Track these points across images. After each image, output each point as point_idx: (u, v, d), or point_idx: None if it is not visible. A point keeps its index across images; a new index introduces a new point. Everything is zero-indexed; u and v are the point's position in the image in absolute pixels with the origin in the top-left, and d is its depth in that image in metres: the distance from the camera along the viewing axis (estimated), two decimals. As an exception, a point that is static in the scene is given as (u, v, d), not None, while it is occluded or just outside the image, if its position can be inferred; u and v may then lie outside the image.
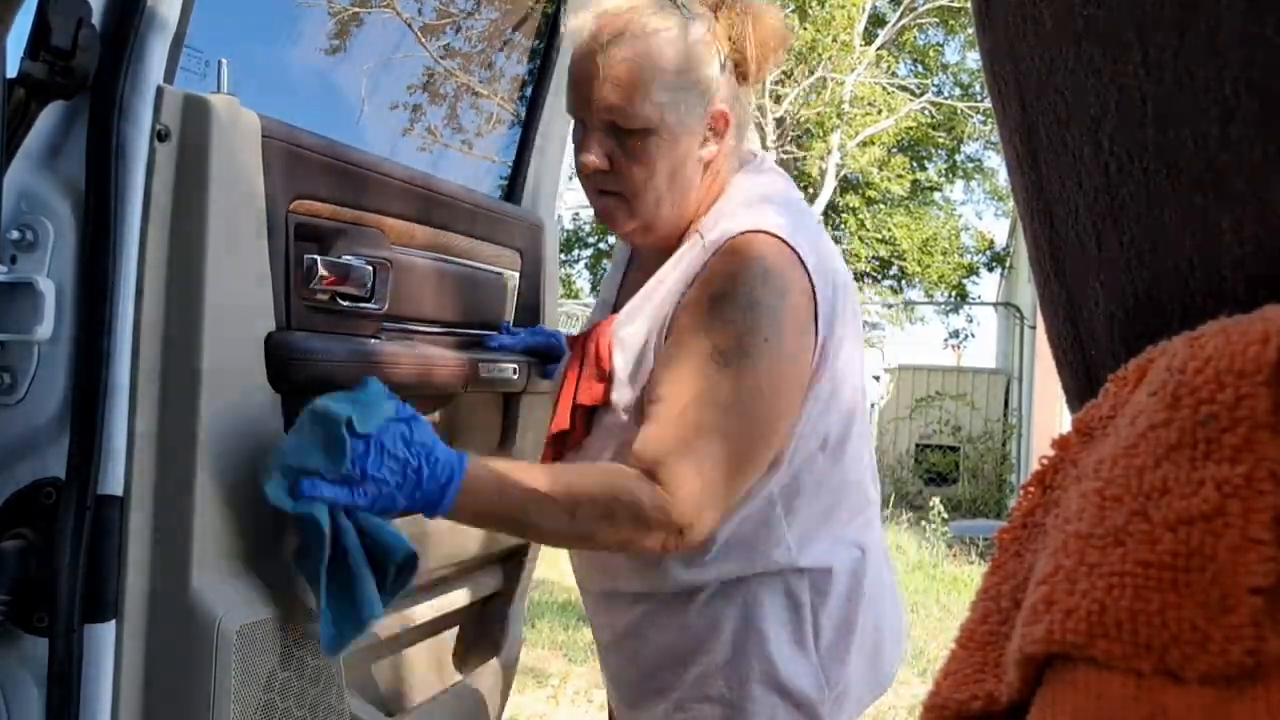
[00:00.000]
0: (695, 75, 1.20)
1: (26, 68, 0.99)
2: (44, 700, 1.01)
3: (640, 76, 1.17)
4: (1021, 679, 0.26)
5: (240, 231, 1.13)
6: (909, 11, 13.37)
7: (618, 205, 1.25)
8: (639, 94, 1.18)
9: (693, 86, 1.20)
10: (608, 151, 1.21)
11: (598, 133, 1.21)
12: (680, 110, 1.20)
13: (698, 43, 1.20)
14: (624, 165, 1.21)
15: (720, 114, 1.23)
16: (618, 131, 1.21)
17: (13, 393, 1.04)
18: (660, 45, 1.18)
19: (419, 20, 1.96)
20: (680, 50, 1.18)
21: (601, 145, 1.21)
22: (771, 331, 1.15)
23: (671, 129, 1.20)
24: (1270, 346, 0.23)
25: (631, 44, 1.17)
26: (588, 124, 1.23)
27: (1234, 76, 0.26)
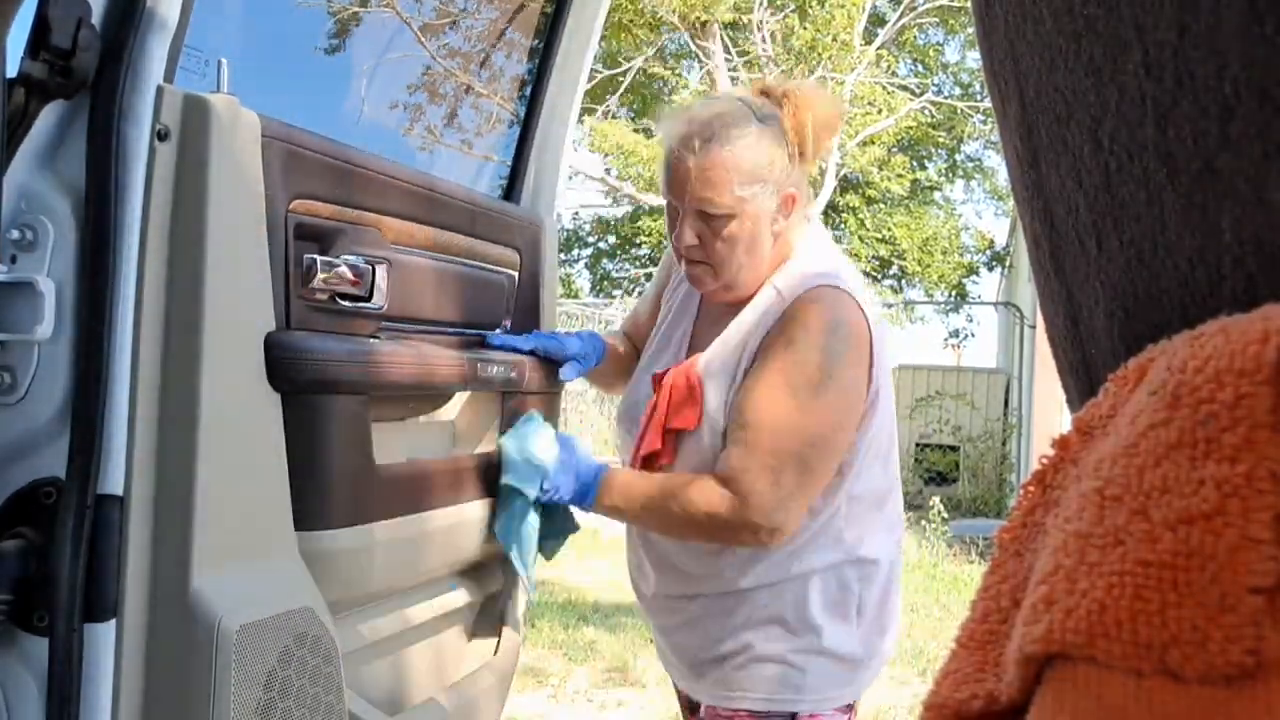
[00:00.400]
0: (768, 170, 1.46)
1: (26, 67, 0.99)
2: (44, 699, 1.01)
3: (726, 175, 1.44)
4: (1021, 678, 0.26)
5: (240, 231, 1.13)
6: (909, 11, 13.37)
7: (705, 271, 1.52)
8: (725, 189, 1.44)
9: (767, 179, 1.46)
10: (698, 232, 1.48)
11: (690, 216, 1.48)
12: (757, 200, 1.46)
13: (771, 143, 1.47)
14: (711, 243, 1.48)
15: (789, 197, 1.50)
16: (706, 216, 1.47)
17: (13, 392, 1.04)
18: (741, 150, 1.45)
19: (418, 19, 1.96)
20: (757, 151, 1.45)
21: (693, 228, 1.48)
22: (836, 370, 1.43)
23: (750, 214, 1.46)
24: (1270, 346, 0.23)
25: (718, 148, 1.44)
26: (682, 209, 1.49)
27: (1234, 76, 0.25)
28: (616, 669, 4.31)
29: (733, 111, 1.47)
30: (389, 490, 1.39)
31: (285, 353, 1.19)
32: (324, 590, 1.25)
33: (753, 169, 1.45)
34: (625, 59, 13.30)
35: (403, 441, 1.57)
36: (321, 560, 1.26)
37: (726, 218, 1.46)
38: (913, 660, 4.52)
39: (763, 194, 1.46)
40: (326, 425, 1.27)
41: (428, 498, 1.48)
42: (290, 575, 1.21)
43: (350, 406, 1.31)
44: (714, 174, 1.44)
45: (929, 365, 11.65)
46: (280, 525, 1.21)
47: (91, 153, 1.03)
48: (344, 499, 1.30)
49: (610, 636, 4.75)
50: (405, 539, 1.42)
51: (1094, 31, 0.29)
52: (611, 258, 18.69)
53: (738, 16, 12.60)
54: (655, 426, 1.53)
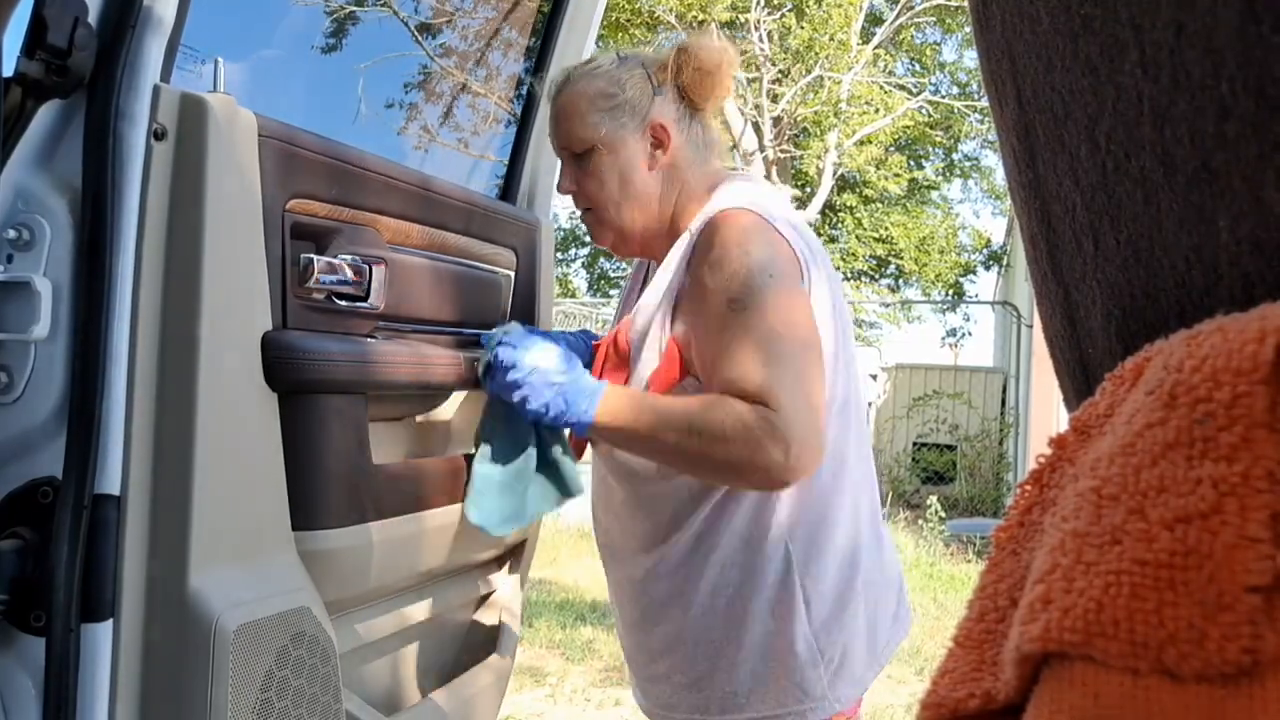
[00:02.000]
0: (622, 98, 1.44)
1: (23, 66, 0.99)
2: (41, 700, 1.01)
3: (576, 108, 1.44)
4: (1018, 677, 0.26)
5: (237, 230, 1.13)
6: (906, 10, 13.37)
7: (593, 220, 1.49)
8: (577, 121, 1.44)
9: (622, 107, 1.44)
10: (573, 178, 1.48)
11: (565, 164, 1.49)
12: (613, 128, 1.44)
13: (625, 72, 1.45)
14: (583, 184, 1.47)
15: (658, 125, 1.45)
16: (574, 158, 1.47)
17: (9, 392, 1.03)
18: (590, 81, 1.45)
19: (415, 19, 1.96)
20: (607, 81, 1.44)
21: (568, 174, 1.48)
22: (773, 269, 1.30)
23: (609, 144, 1.44)
24: (1267, 345, 0.23)
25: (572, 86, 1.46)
26: (560, 159, 1.50)
27: (1230, 75, 0.26)
28: (614, 668, 4.31)
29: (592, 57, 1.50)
30: (386, 490, 1.39)
31: (282, 352, 1.19)
32: (321, 590, 1.25)
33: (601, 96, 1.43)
34: (622, 58, 13.28)
35: (400, 441, 1.57)
36: (319, 560, 1.26)
37: (589, 153, 1.44)
38: (910, 659, 4.52)
39: (617, 121, 1.43)
40: (323, 425, 1.27)
41: (425, 497, 1.48)
42: (287, 575, 1.21)
43: (347, 406, 1.31)
44: (567, 109, 1.45)
45: (926, 364, 11.65)
46: (277, 525, 1.21)
47: (88, 152, 1.03)
48: (341, 498, 1.30)
49: (607, 636, 4.75)
50: (402, 538, 1.42)
51: (1091, 31, 0.29)
52: (608, 257, 18.67)
53: (735, 16, 12.59)
54: None
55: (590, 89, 1.44)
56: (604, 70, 1.45)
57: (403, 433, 1.58)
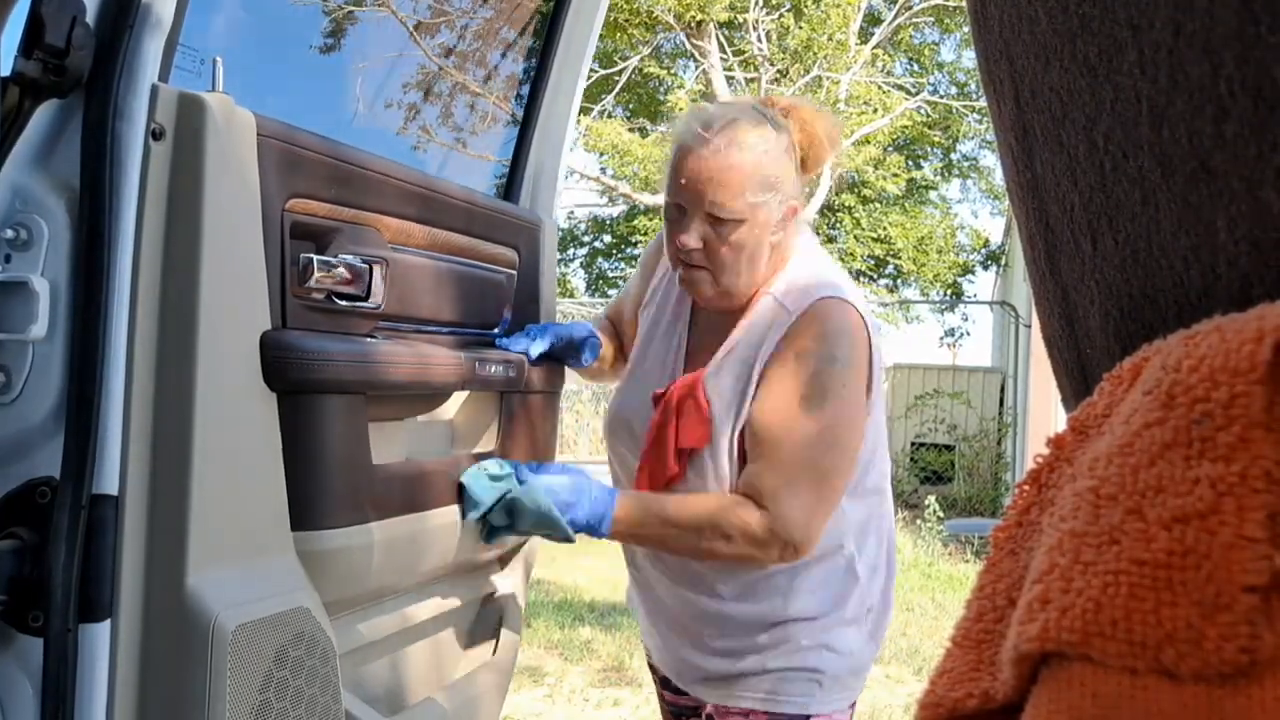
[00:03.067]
0: (779, 180, 1.47)
1: (20, 66, 0.99)
2: (39, 700, 1.01)
3: (741, 179, 1.43)
4: (1017, 677, 0.26)
5: (235, 230, 1.13)
6: (904, 10, 13.37)
7: (704, 277, 1.50)
8: (739, 193, 1.44)
9: (776, 188, 1.47)
10: (703, 236, 1.47)
11: (696, 219, 1.46)
12: (767, 208, 1.46)
13: (783, 152, 1.48)
14: (716, 248, 1.47)
15: (793, 208, 1.51)
16: (715, 220, 1.46)
17: (7, 392, 1.03)
18: (758, 156, 1.44)
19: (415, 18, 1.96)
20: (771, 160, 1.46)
21: (699, 230, 1.47)
22: (848, 380, 1.45)
23: (759, 222, 1.46)
24: (1264, 345, 0.23)
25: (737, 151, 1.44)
26: (688, 210, 1.47)
27: (1228, 75, 0.26)
28: (613, 668, 4.31)
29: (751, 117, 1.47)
30: (386, 490, 1.39)
31: (281, 352, 1.19)
32: (321, 590, 1.25)
33: (767, 176, 1.45)
34: (621, 58, 13.30)
35: (400, 441, 1.57)
36: (318, 560, 1.26)
37: (735, 223, 1.45)
38: (908, 659, 4.52)
39: (772, 203, 1.46)
40: (323, 425, 1.27)
41: (425, 497, 1.48)
42: (287, 575, 1.20)
43: (347, 406, 1.30)
44: (730, 176, 1.43)
45: (924, 364, 11.65)
46: (277, 525, 1.20)
47: (86, 152, 1.03)
48: (341, 499, 1.29)
49: (606, 636, 4.75)
50: (403, 539, 1.42)
51: (1089, 31, 0.29)
52: (607, 257, 18.68)
53: (733, 16, 12.60)
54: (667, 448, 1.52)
55: (754, 164, 1.44)
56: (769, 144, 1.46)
57: (403, 433, 1.58)
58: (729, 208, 1.44)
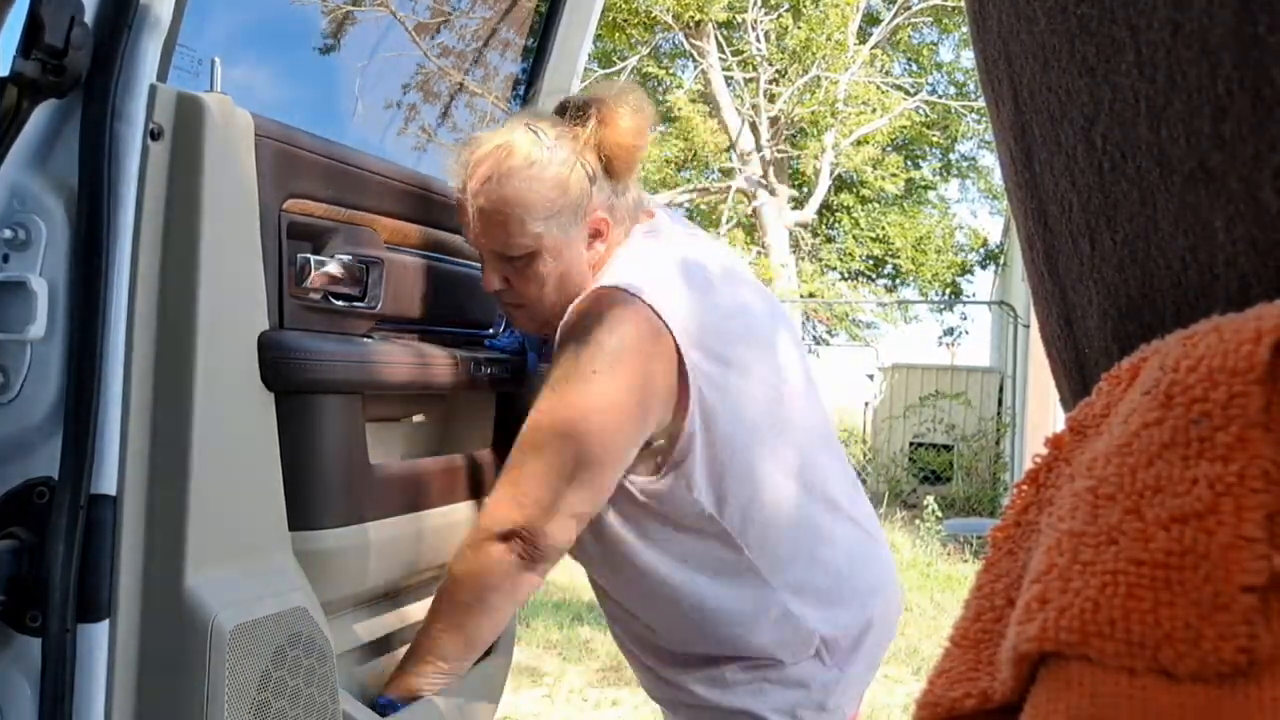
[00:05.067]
0: (565, 199, 1.34)
1: (18, 66, 0.98)
2: (37, 700, 1.01)
3: (513, 214, 1.32)
4: (1015, 677, 0.26)
5: (233, 230, 1.13)
6: (903, 10, 13.38)
7: (520, 314, 1.44)
8: (516, 228, 1.33)
9: (565, 209, 1.34)
10: (503, 275, 1.39)
11: (490, 260, 1.39)
12: (556, 231, 1.35)
13: (561, 169, 1.33)
14: (519, 284, 1.39)
15: (599, 220, 1.38)
16: (506, 259, 1.37)
17: (5, 392, 1.03)
18: (526, 183, 1.32)
19: (413, 18, 1.96)
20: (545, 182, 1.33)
21: (495, 271, 1.39)
22: (602, 365, 1.29)
23: (553, 249, 1.36)
24: (1262, 345, 0.23)
25: (500, 188, 1.32)
26: (481, 254, 1.41)
27: (1226, 75, 0.26)
28: (611, 668, 4.31)
29: (514, 142, 1.34)
30: (383, 490, 1.39)
31: (279, 352, 1.19)
32: (318, 590, 1.25)
33: (544, 201, 1.33)
34: (620, 58, 13.30)
35: (397, 441, 1.57)
36: (316, 560, 1.26)
37: (528, 257, 1.35)
38: (907, 659, 4.52)
39: (561, 225, 1.34)
40: (320, 425, 1.26)
41: (422, 497, 1.48)
42: (284, 575, 1.20)
43: (344, 406, 1.30)
44: (501, 215, 1.33)
45: (923, 364, 11.66)
46: (274, 525, 1.20)
47: (84, 152, 1.03)
48: (338, 499, 1.29)
49: (605, 636, 4.75)
50: (400, 539, 1.42)
51: (1087, 31, 0.29)
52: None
53: (732, 16, 12.60)
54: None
55: (531, 194, 1.32)
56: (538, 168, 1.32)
57: (400, 433, 1.58)
58: (511, 245, 1.35)
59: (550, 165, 1.33)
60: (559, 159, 1.34)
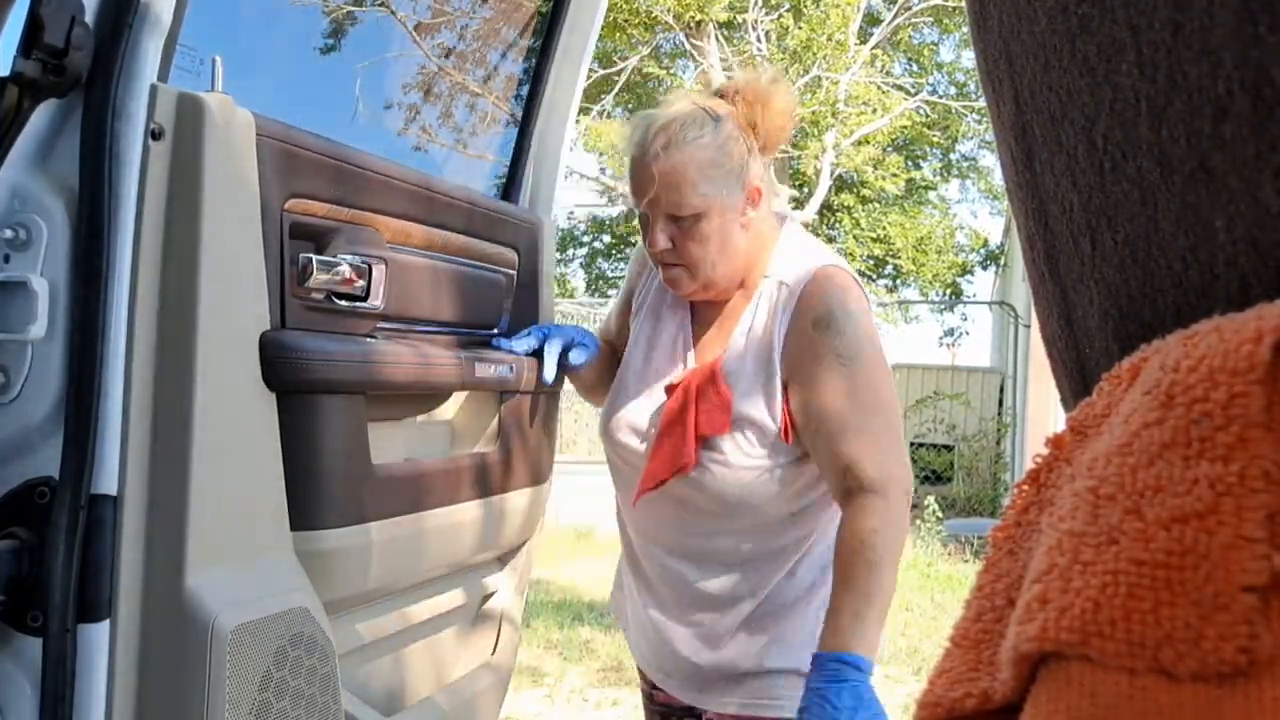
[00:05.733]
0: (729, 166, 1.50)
1: (19, 66, 0.99)
2: (38, 700, 1.01)
3: (688, 176, 1.47)
4: (1015, 677, 0.26)
5: (235, 230, 1.13)
6: (904, 10, 13.37)
7: (681, 274, 1.54)
8: (689, 189, 1.48)
9: (729, 175, 1.50)
10: (670, 235, 1.51)
11: (660, 222, 1.51)
12: (722, 195, 1.49)
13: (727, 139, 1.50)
14: (684, 244, 1.51)
15: (754, 190, 1.53)
16: (675, 219, 1.50)
17: (6, 392, 1.03)
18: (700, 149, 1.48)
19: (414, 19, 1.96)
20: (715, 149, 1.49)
21: (664, 231, 1.51)
22: (869, 332, 1.50)
23: (718, 210, 1.50)
24: (1263, 345, 0.23)
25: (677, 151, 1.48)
26: (651, 215, 1.52)
27: (1227, 75, 0.26)
28: (612, 668, 4.31)
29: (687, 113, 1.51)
30: (385, 490, 1.39)
31: (280, 352, 1.19)
32: (320, 590, 1.25)
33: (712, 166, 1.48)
34: (620, 58, 13.30)
35: (400, 441, 1.57)
36: (317, 560, 1.26)
37: (695, 218, 1.49)
38: (907, 659, 4.52)
39: (727, 189, 1.50)
40: (322, 425, 1.27)
41: (424, 498, 1.48)
42: (286, 575, 1.20)
43: (346, 406, 1.30)
44: (676, 176, 1.47)
45: (924, 364, 11.66)
46: (276, 525, 1.20)
47: (85, 152, 1.03)
48: (340, 499, 1.29)
49: (605, 636, 4.75)
50: (402, 539, 1.42)
51: (1088, 31, 0.29)
52: (606, 257, 18.68)
53: (732, 16, 12.60)
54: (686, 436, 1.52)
55: (700, 157, 1.48)
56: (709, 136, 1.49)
57: (402, 433, 1.58)
58: (683, 205, 1.48)
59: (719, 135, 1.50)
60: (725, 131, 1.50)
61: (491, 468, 1.64)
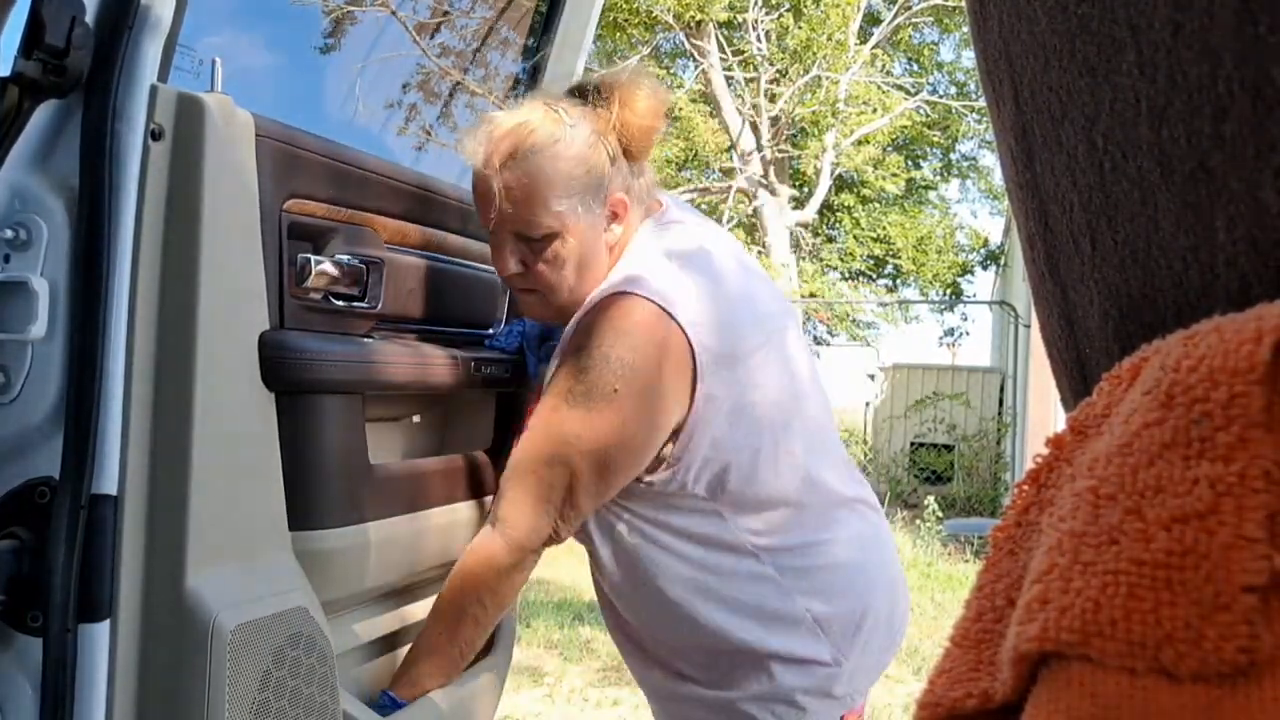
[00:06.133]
0: (587, 178, 1.32)
1: (20, 66, 0.99)
2: (38, 700, 1.01)
3: (537, 192, 1.30)
4: (1016, 677, 0.26)
5: (234, 230, 1.13)
6: (904, 10, 13.38)
7: (534, 300, 1.40)
8: (539, 206, 1.30)
9: (586, 189, 1.32)
10: (520, 258, 1.35)
11: (508, 243, 1.35)
12: (579, 211, 1.32)
13: (583, 147, 1.32)
14: (535, 267, 1.34)
15: (618, 201, 1.36)
16: (525, 239, 1.34)
17: (7, 392, 1.03)
18: (550, 161, 1.30)
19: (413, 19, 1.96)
20: (569, 160, 1.31)
21: (513, 254, 1.35)
22: (622, 384, 1.28)
23: (574, 228, 1.32)
24: (1263, 345, 0.23)
25: (524, 164, 1.29)
26: (498, 235, 1.35)
27: (1227, 75, 0.26)
28: (612, 668, 4.31)
29: (536, 120, 1.32)
30: (384, 490, 1.39)
31: (279, 352, 1.19)
32: (319, 590, 1.25)
33: (568, 178, 1.30)
34: (620, 58, 13.30)
35: (398, 441, 1.57)
36: (316, 560, 1.26)
37: (547, 238, 1.32)
38: (908, 659, 4.52)
39: (584, 204, 1.32)
40: (321, 425, 1.27)
41: (423, 497, 1.48)
42: (285, 575, 1.20)
43: (345, 406, 1.30)
44: (524, 192, 1.30)
45: (924, 364, 11.66)
46: (275, 525, 1.20)
47: (85, 152, 1.03)
48: (339, 499, 1.30)
49: (605, 635, 4.74)
50: (400, 539, 1.42)
51: (1088, 31, 0.29)
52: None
53: (733, 15, 12.60)
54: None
55: (553, 170, 1.29)
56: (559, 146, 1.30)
57: (400, 433, 1.58)
58: (533, 224, 1.31)
59: (573, 144, 1.31)
60: (581, 138, 1.32)
61: (488, 467, 1.65)
